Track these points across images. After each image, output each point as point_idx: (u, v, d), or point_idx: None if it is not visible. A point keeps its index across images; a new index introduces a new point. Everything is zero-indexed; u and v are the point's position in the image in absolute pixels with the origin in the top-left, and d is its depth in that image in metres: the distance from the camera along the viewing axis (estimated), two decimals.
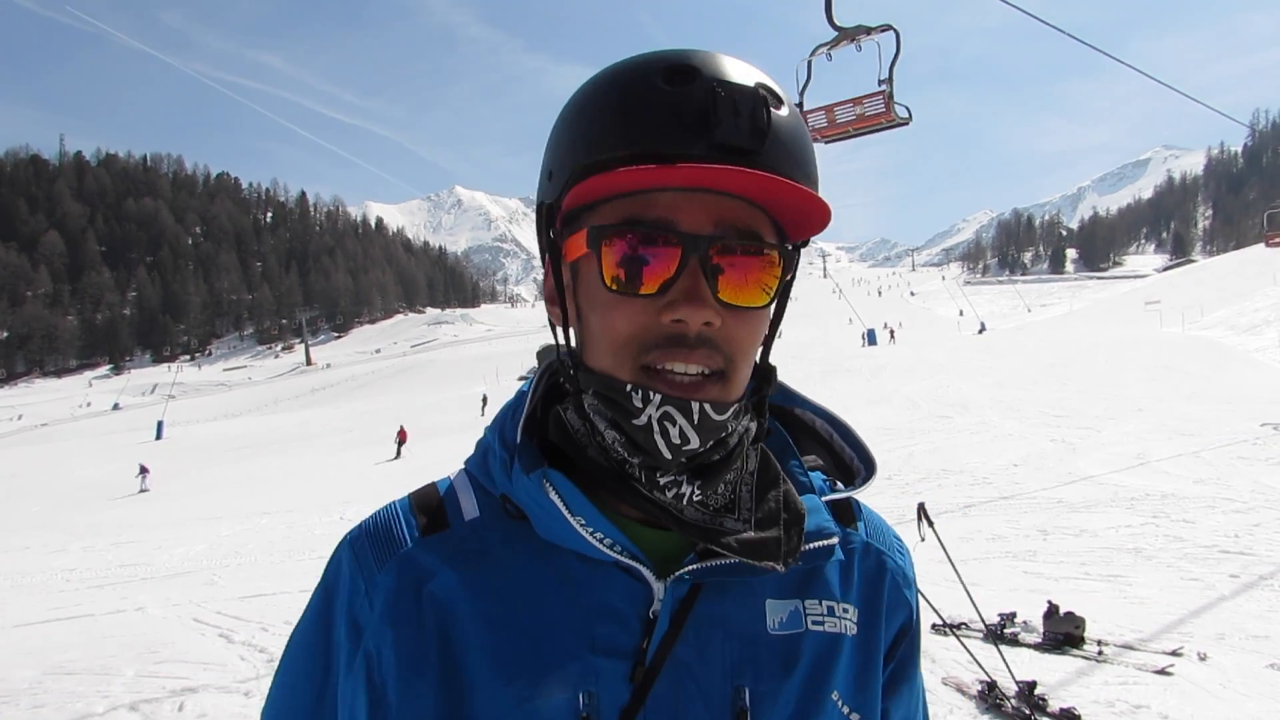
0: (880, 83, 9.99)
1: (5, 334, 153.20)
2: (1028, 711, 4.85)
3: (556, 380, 0.97)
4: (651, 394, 0.81)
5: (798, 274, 0.93)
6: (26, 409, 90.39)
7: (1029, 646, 5.98)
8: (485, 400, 34.85)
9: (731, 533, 0.86)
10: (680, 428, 0.81)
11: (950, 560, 5.10)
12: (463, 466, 0.98)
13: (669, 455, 0.82)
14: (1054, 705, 4.92)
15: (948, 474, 12.48)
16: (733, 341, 0.82)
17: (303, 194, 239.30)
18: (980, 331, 56.71)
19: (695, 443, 0.82)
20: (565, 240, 0.88)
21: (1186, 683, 5.20)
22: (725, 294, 0.81)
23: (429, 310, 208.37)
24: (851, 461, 1.04)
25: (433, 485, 0.98)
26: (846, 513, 1.00)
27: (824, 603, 0.91)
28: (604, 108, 0.84)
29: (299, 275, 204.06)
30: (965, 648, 5.01)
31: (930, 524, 4.83)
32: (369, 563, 0.90)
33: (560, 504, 0.85)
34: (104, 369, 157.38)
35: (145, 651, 7.18)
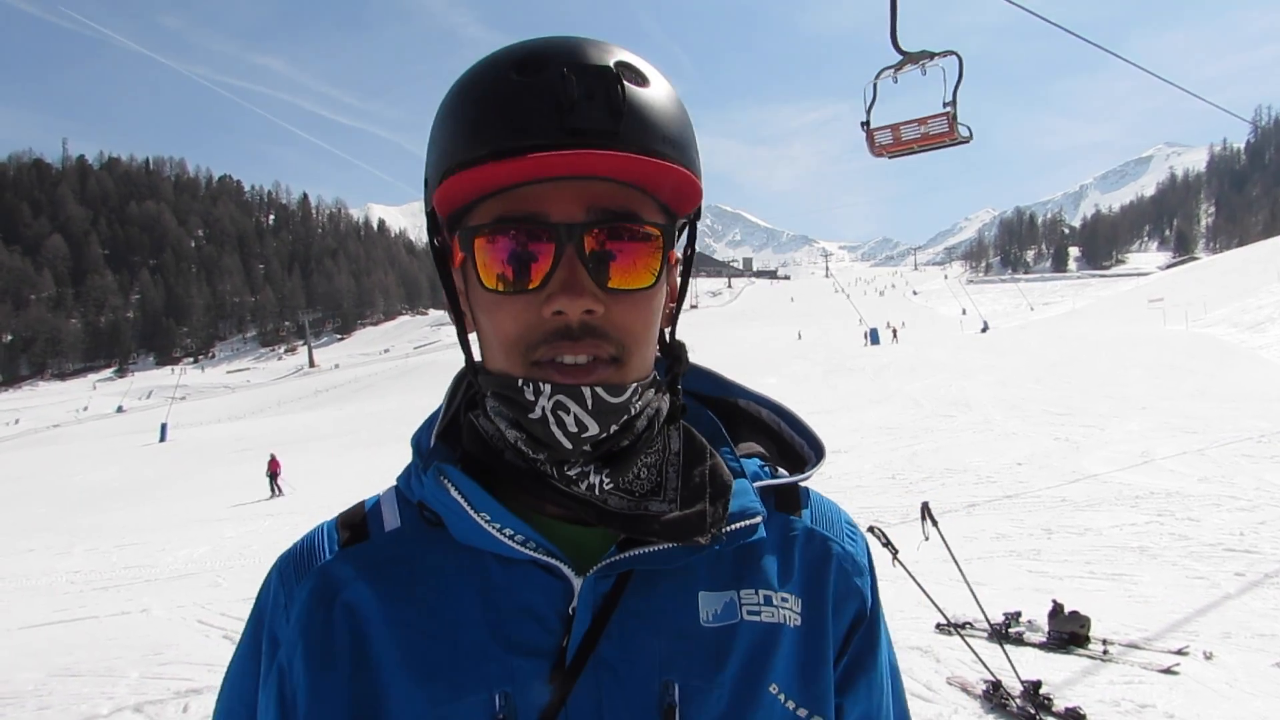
0: (945, 104, 10.71)
1: (9, 337, 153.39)
2: (1033, 711, 4.85)
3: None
4: (541, 385, 0.80)
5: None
6: (28, 412, 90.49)
7: (1034, 646, 5.98)
8: None
9: (656, 515, 0.85)
10: (575, 415, 0.80)
11: (955, 559, 5.08)
12: (394, 484, 0.97)
13: (569, 445, 0.81)
14: (1059, 705, 4.91)
15: (951, 473, 12.47)
16: (621, 327, 0.81)
17: (305, 196, 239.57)
18: (984, 330, 56.70)
19: (594, 429, 0.81)
20: (450, 247, 0.88)
21: (1192, 682, 5.19)
22: (605, 280, 0.80)
23: (431, 312, 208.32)
24: (801, 449, 1.02)
25: (361, 502, 0.97)
26: (791, 499, 0.97)
27: (760, 592, 0.89)
28: (461, 109, 0.84)
29: (302, 277, 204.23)
30: (970, 647, 5.00)
31: (934, 523, 4.81)
32: (290, 579, 0.90)
33: (461, 500, 0.84)
34: (108, 372, 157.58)
35: (150, 653, 7.19)
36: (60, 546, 13.93)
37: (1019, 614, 6.33)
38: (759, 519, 0.89)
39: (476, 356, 0.93)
